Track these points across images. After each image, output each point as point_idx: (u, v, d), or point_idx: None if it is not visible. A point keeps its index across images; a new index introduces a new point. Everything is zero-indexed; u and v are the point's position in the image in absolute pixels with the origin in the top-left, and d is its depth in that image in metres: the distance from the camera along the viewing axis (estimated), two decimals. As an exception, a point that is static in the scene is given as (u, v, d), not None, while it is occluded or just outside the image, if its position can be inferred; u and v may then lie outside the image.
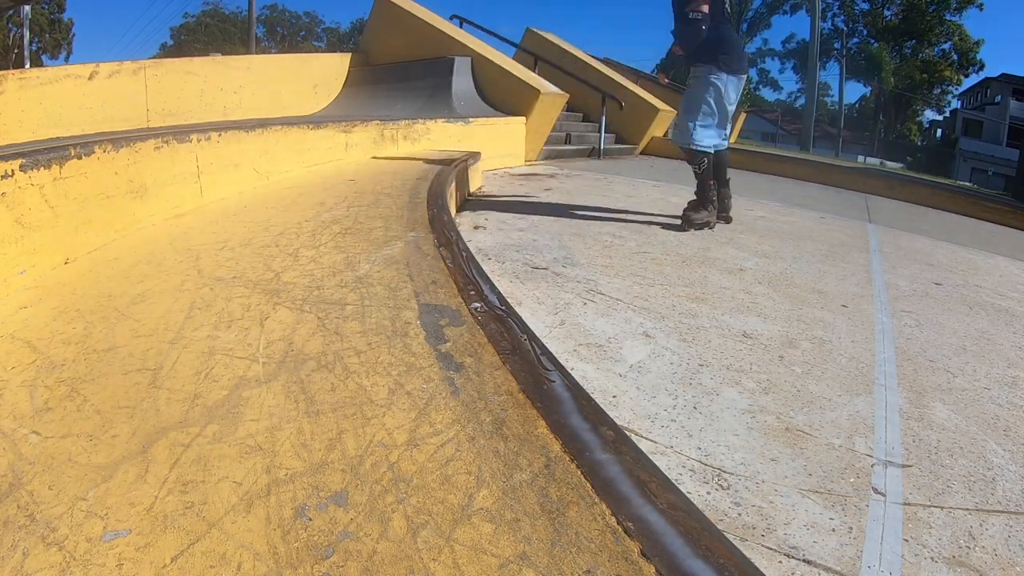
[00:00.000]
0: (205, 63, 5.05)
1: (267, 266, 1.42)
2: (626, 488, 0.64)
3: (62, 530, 0.59)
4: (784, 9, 33.44)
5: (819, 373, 1.47)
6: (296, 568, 0.54)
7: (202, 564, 0.55)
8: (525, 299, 1.80)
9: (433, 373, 0.90)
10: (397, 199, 2.26)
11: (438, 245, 1.61)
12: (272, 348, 0.98)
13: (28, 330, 1.06)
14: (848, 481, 1.04)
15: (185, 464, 0.69)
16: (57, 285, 1.29)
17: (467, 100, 5.62)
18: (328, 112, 5.86)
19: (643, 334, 1.61)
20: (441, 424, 0.77)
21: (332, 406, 0.81)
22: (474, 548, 0.57)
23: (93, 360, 0.94)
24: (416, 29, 6.27)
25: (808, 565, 0.85)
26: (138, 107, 4.17)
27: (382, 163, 3.43)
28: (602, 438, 0.73)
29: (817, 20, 24.32)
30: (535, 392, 0.85)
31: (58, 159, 1.41)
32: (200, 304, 1.17)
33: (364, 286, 1.29)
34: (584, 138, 6.91)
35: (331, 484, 0.66)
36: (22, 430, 0.76)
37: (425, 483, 0.66)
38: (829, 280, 2.32)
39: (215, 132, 2.31)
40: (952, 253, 3.10)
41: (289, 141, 2.91)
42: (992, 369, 1.61)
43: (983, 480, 1.08)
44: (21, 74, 3.53)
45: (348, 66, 6.49)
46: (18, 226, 1.27)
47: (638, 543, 0.57)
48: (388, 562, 0.55)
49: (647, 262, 2.28)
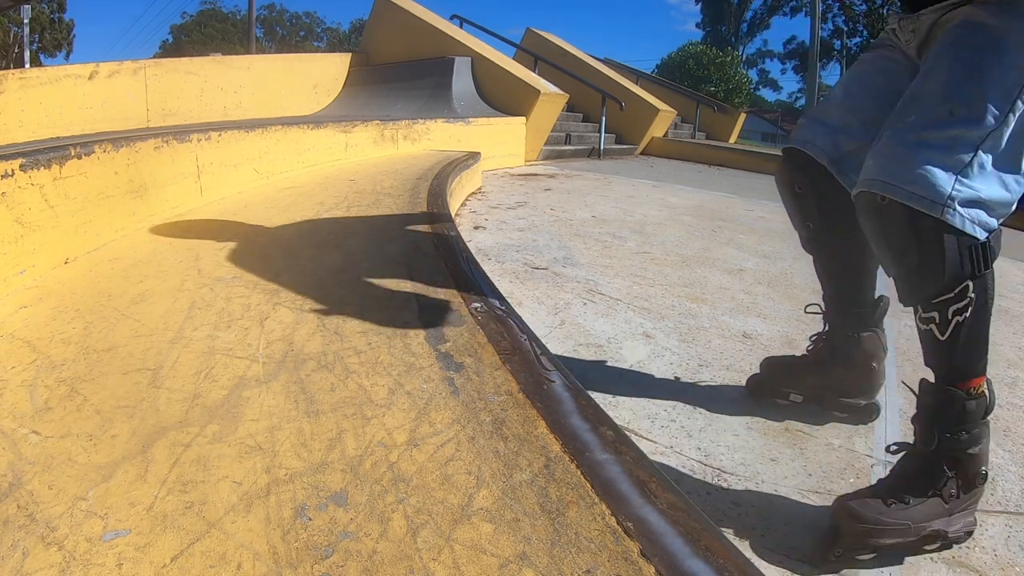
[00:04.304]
0: (205, 63, 5.05)
1: (267, 266, 1.42)
2: (626, 488, 0.64)
3: (62, 530, 0.59)
4: (784, 11, 33.47)
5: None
6: (296, 568, 0.54)
7: (202, 564, 0.55)
8: (525, 299, 1.80)
9: (433, 373, 0.90)
10: (397, 199, 2.26)
11: (438, 245, 1.61)
12: (272, 348, 0.98)
13: (28, 330, 1.06)
14: (848, 481, 1.04)
15: (185, 464, 0.69)
16: (57, 285, 1.29)
17: (467, 100, 5.62)
18: (328, 112, 5.86)
19: (643, 334, 1.61)
20: (441, 424, 0.77)
21: (332, 406, 0.81)
22: (474, 548, 0.57)
23: (93, 360, 0.94)
24: (416, 29, 6.27)
25: (808, 565, 0.85)
26: (138, 107, 4.16)
27: (382, 163, 3.43)
28: (602, 438, 0.73)
29: (817, 21, 24.31)
30: (535, 392, 0.85)
31: (58, 159, 1.41)
32: (200, 304, 1.17)
33: (364, 286, 1.29)
34: (584, 138, 6.92)
35: (331, 484, 0.66)
36: (22, 430, 0.76)
37: (425, 483, 0.66)
38: (829, 280, 2.32)
39: (215, 132, 2.31)
40: (952, 253, 3.10)
41: (289, 141, 2.91)
42: (992, 369, 1.61)
43: (983, 480, 1.08)
44: (21, 74, 3.53)
45: (348, 66, 6.48)
46: (18, 226, 1.27)
47: (638, 543, 0.57)
48: (388, 562, 0.55)
49: (647, 262, 2.28)
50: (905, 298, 0.91)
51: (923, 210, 0.82)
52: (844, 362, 1.22)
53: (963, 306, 0.84)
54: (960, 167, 0.82)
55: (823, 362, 1.24)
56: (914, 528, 0.85)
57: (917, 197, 0.82)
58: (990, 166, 0.83)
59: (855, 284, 1.21)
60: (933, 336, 0.87)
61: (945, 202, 0.81)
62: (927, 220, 0.82)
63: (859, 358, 1.21)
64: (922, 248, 0.83)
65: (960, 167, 0.82)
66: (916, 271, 0.86)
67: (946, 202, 0.81)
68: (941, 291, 0.84)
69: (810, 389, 1.25)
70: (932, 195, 0.81)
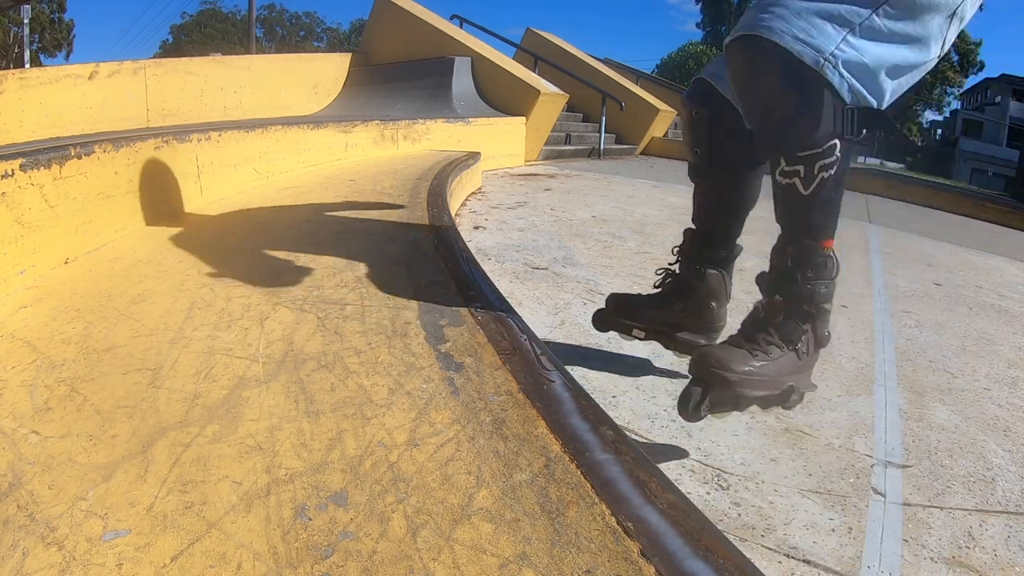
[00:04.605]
0: (205, 63, 5.05)
1: (267, 266, 1.42)
2: (626, 488, 0.64)
3: (62, 530, 0.59)
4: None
5: (819, 373, 1.47)
6: (296, 568, 0.54)
7: (202, 564, 0.55)
8: (525, 299, 1.80)
9: (433, 373, 0.90)
10: (397, 199, 2.26)
11: (438, 245, 1.61)
12: (272, 348, 0.98)
13: (28, 330, 1.06)
14: (848, 481, 1.04)
15: (185, 464, 0.69)
16: (57, 285, 1.29)
17: (467, 100, 5.62)
18: (328, 112, 5.86)
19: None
20: (441, 424, 0.77)
21: (332, 406, 0.81)
22: (474, 548, 0.57)
23: (93, 360, 0.94)
24: (416, 29, 6.27)
25: (808, 565, 0.85)
26: (138, 107, 4.17)
27: (382, 163, 3.43)
28: (602, 438, 0.73)
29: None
30: (535, 392, 0.85)
31: (58, 159, 1.41)
32: (200, 304, 1.17)
33: (364, 286, 1.29)
34: (584, 138, 6.92)
35: (331, 484, 0.66)
36: (22, 430, 0.76)
37: (425, 483, 0.66)
38: (829, 280, 2.32)
39: (215, 132, 2.31)
40: (952, 253, 3.10)
41: (289, 141, 2.90)
42: (992, 369, 1.61)
43: (983, 480, 1.08)
44: (21, 74, 3.53)
45: (348, 66, 6.48)
46: (18, 226, 1.27)
47: (638, 543, 0.57)
48: (388, 562, 0.55)
49: (647, 262, 2.28)
50: (770, 149, 0.89)
51: (804, 59, 0.80)
52: (685, 296, 1.24)
53: (830, 163, 0.83)
54: (851, 26, 0.80)
55: (666, 296, 1.27)
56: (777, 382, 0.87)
57: (801, 43, 0.80)
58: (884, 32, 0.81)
59: (725, 221, 1.23)
60: (795, 191, 0.86)
61: (828, 57, 0.80)
62: (809, 72, 0.81)
63: (701, 294, 1.23)
64: (801, 97, 0.82)
65: (851, 26, 0.80)
66: (789, 120, 0.84)
67: (828, 57, 0.80)
68: (812, 145, 0.83)
69: (651, 324, 1.27)
70: (817, 44, 0.80)
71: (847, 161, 0.85)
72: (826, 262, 0.89)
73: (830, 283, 0.90)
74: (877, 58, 0.82)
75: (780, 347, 0.90)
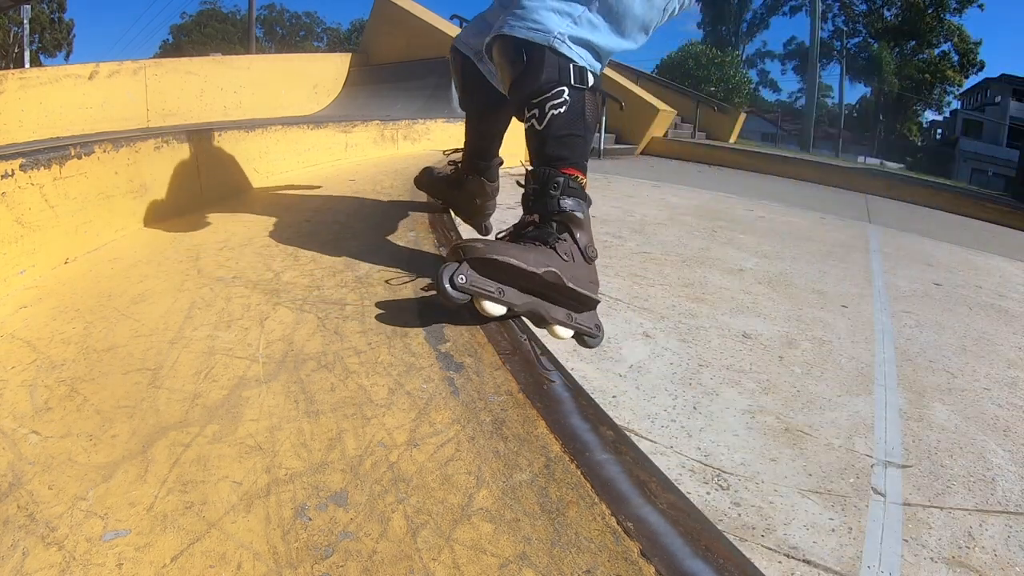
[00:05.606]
0: (205, 63, 5.05)
1: (267, 266, 1.42)
2: (626, 488, 0.64)
3: (62, 530, 0.59)
4: (784, 11, 33.48)
5: (819, 373, 1.47)
6: (296, 568, 0.54)
7: (202, 564, 0.55)
8: (525, 299, 1.80)
9: (433, 373, 0.90)
10: (397, 199, 2.26)
11: (438, 245, 1.61)
12: (272, 348, 0.98)
13: (28, 330, 1.06)
14: (848, 481, 1.04)
15: (185, 464, 0.69)
16: (57, 285, 1.29)
17: (467, 100, 5.61)
18: (328, 112, 5.86)
19: (643, 334, 1.61)
20: (441, 424, 0.77)
21: (332, 406, 0.81)
22: (474, 548, 0.57)
23: (93, 360, 0.94)
24: (416, 29, 6.27)
25: (808, 565, 0.85)
26: (138, 107, 4.16)
27: (382, 163, 3.42)
28: (602, 438, 0.73)
29: (817, 21, 24.32)
30: (535, 392, 0.85)
31: (58, 159, 1.41)
32: (200, 304, 1.17)
33: (364, 286, 1.29)
34: (584, 138, 6.91)
35: (331, 484, 0.66)
36: (22, 430, 0.76)
37: (425, 483, 0.66)
38: (829, 280, 2.32)
39: (215, 132, 2.31)
40: (952, 253, 3.10)
41: (289, 141, 2.90)
42: (992, 369, 1.61)
43: (983, 480, 1.08)
44: (21, 74, 3.53)
45: (348, 66, 6.48)
46: (18, 226, 1.27)
47: (638, 543, 0.57)
48: (388, 562, 0.55)
49: (647, 262, 2.28)
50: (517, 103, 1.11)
51: (534, 40, 1.04)
52: (458, 191, 1.77)
53: (559, 103, 1.04)
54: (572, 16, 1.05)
55: (450, 184, 1.81)
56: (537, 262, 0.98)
57: (532, 30, 1.04)
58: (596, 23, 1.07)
59: (483, 142, 1.67)
60: (534, 128, 1.07)
61: (556, 35, 1.03)
62: (535, 46, 1.04)
63: (465, 192, 1.75)
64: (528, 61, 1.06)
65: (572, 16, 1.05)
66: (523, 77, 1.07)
67: (556, 35, 1.03)
68: (540, 91, 1.04)
69: (444, 199, 1.86)
70: (544, 29, 1.04)
71: (581, 106, 1.06)
72: (568, 181, 1.07)
73: (576, 201, 1.07)
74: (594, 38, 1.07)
75: (535, 244, 1.04)
